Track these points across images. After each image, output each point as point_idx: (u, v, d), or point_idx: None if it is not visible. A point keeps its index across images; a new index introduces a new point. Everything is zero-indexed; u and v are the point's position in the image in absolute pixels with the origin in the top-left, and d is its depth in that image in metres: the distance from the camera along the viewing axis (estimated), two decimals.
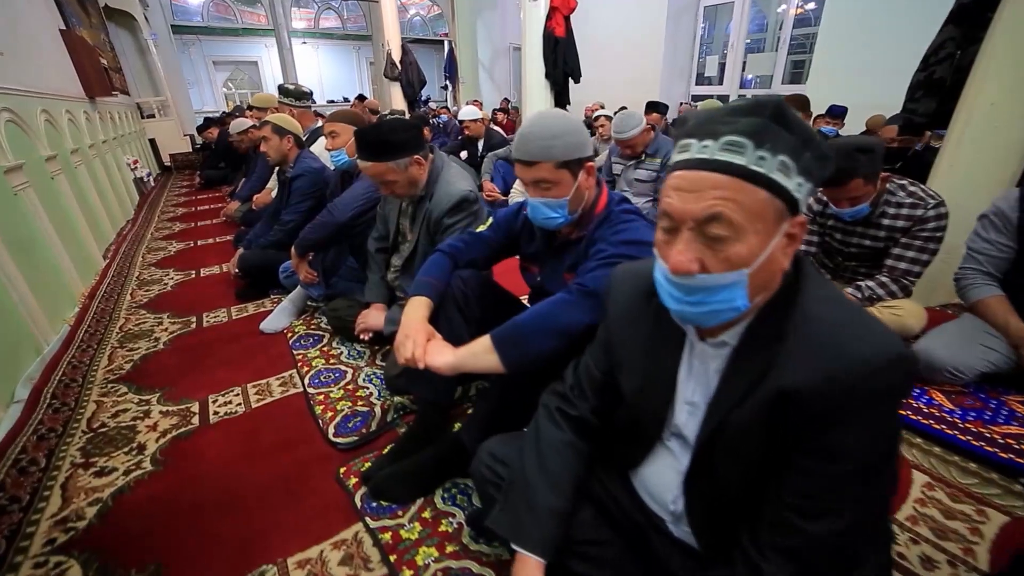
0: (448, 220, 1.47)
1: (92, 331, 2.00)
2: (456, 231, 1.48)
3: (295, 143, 2.27)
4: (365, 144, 1.38)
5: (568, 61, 4.13)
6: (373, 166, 1.38)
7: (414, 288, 1.20)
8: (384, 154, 1.37)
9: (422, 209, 1.51)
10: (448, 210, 1.46)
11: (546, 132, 1.01)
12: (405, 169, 1.41)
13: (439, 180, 1.50)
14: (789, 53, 6.42)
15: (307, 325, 2.01)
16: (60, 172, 2.52)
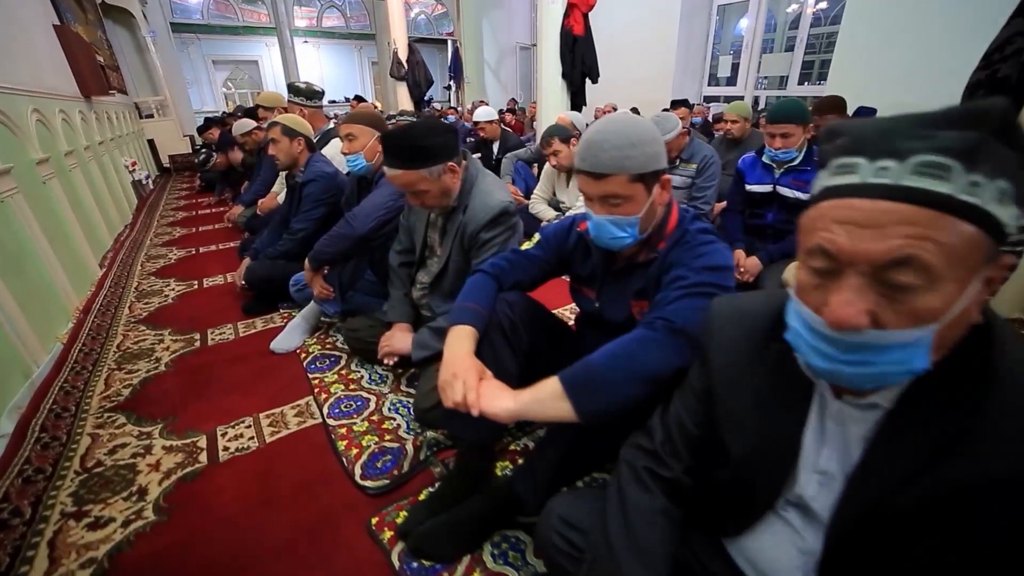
0: (486, 235, 1.32)
1: (87, 350, 1.83)
2: (494, 247, 1.33)
3: (306, 146, 2.11)
4: (395, 149, 1.23)
5: (586, 60, 3.97)
6: (403, 174, 1.23)
7: (455, 315, 1.05)
8: (416, 161, 1.22)
9: (455, 222, 1.36)
10: (486, 224, 1.30)
11: (622, 140, 0.86)
12: (438, 178, 1.25)
13: (474, 190, 1.35)
14: (818, 53, 6.25)
15: (322, 344, 1.84)
16: (53, 176, 2.36)
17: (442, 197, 1.30)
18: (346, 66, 12.62)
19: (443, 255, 1.41)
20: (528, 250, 1.19)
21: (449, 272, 1.42)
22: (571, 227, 1.17)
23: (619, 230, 0.93)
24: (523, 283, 1.19)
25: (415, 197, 1.29)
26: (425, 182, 1.24)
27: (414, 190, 1.26)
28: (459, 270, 1.40)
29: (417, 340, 1.41)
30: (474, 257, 1.35)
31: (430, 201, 1.29)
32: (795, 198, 2.04)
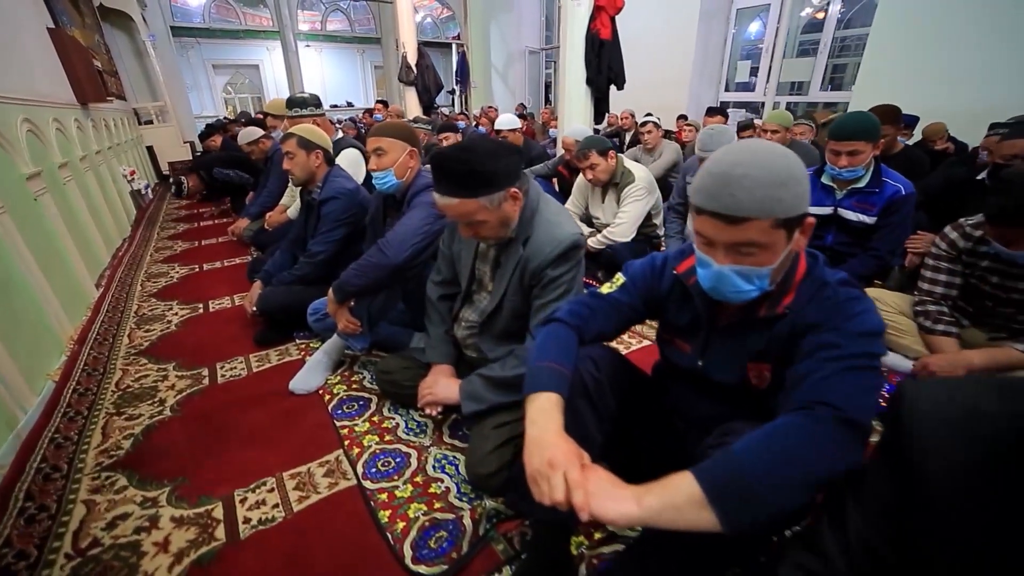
0: (553, 272, 1.13)
1: (82, 390, 1.63)
2: (561, 286, 1.14)
3: (324, 159, 1.91)
4: (449, 175, 1.04)
5: (613, 66, 3.79)
6: (459, 204, 1.04)
7: (535, 378, 0.86)
8: (475, 188, 1.03)
9: (512, 255, 1.16)
10: (554, 260, 1.12)
11: (768, 176, 0.68)
12: (499, 206, 1.07)
13: (537, 218, 1.15)
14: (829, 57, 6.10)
15: (347, 383, 1.64)
16: (45, 191, 2.16)
17: (500, 228, 1.11)
18: (348, 70, 12.47)
19: (496, 292, 1.21)
20: (611, 294, 1.00)
21: (504, 312, 1.22)
22: (663, 267, 0.99)
23: (745, 283, 0.75)
24: (606, 333, 1.01)
25: (469, 228, 1.10)
26: (484, 212, 1.05)
27: (469, 221, 1.07)
28: (516, 310, 1.21)
29: (467, 390, 1.22)
30: (536, 297, 1.16)
31: (487, 232, 1.10)
32: (859, 222, 1.86)
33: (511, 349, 1.25)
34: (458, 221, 1.10)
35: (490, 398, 1.19)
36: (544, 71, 10.53)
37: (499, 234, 1.12)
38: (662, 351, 1.05)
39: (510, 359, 1.20)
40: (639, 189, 2.40)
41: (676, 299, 0.97)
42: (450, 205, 1.05)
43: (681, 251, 0.99)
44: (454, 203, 1.04)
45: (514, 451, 1.13)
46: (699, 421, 0.98)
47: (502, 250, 1.21)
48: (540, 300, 1.15)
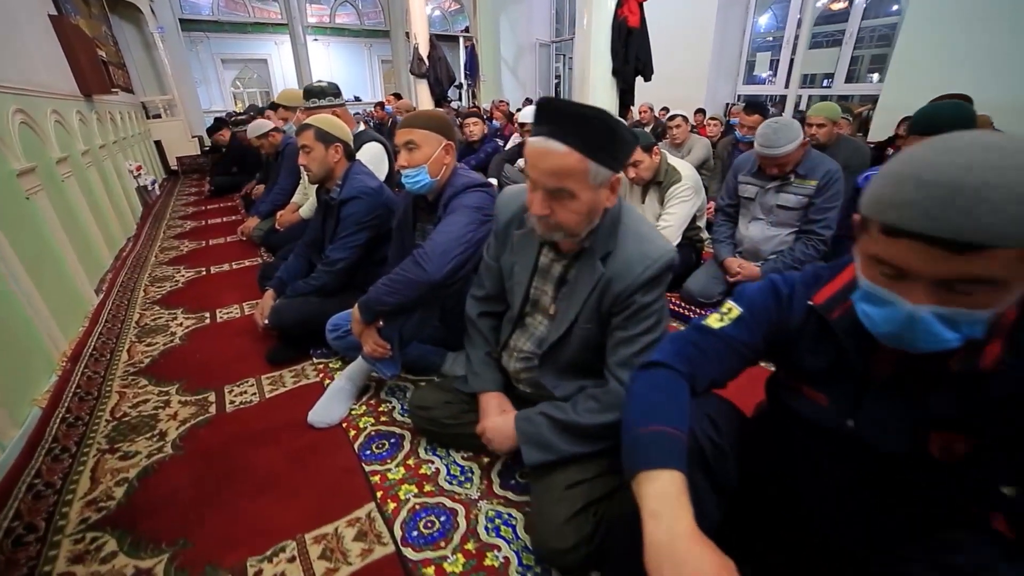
0: (643, 298, 0.90)
1: (72, 419, 1.43)
2: (652, 316, 0.92)
3: (344, 154, 1.70)
4: (570, 117, 0.80)
5: (640, 56, 3.54)
6: (566, 155, 0.80)
7: (644, 448, 0.66)
8: (591, 145, 0.80)
9: (587, 273, 0.94)
10: (646, 282, 0.89)
11: None
12: (597, 188, 0.84)
13: (621, 230, 0.93)
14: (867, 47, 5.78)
15: (374, 414, 1.43)
16: (39, 189, 1.96)
17: (580, 220, 0.87)
18: (356, 64, 12.27)
19: (563, 318, 0.98)
20: (723, 329, 0.78)
21: (573, 342, 1.00)
22: (791, 296, 0.76)
23: (949, 330, 0.53)
24: (720, 381, 0.79)
25: (547, 203, 0.84)
26: (582, 183, 0.82)
27: (557, 187, 0.82)
28: (588, 341, 0.98)
29: (530, 433, 1.00)
30: (619, 328, 0.94)
31: (564, 218, 0.85)
32: None
33: (581, 385, 1.03)
34: (537, 185, 0.84)
35: (561, 447, 0.97)
36: (554, 64, 10.27)
37: (575, 228, 0.88)
38: (779, 397, 0.82)
39: (585, 400, 0.97)
40: (686, 189, 2.17)
41: (810, 337, 0.74)
42: (550, 153, 0.80)
43: (815, 275, 0.77)
44: (559, 151, 0.80)
45: (595, 521, 0.91)
46: (838, 492, 0.76)
47: (571, 265, 0.98)
48: (624, 332, 0.93)
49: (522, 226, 1.04)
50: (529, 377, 1.11)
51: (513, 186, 1.14)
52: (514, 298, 1.08)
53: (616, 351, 0.95)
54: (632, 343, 0.93)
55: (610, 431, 0.94)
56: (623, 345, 0.94)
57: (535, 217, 0.88)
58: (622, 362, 0.94)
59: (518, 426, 1.02)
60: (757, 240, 2.07)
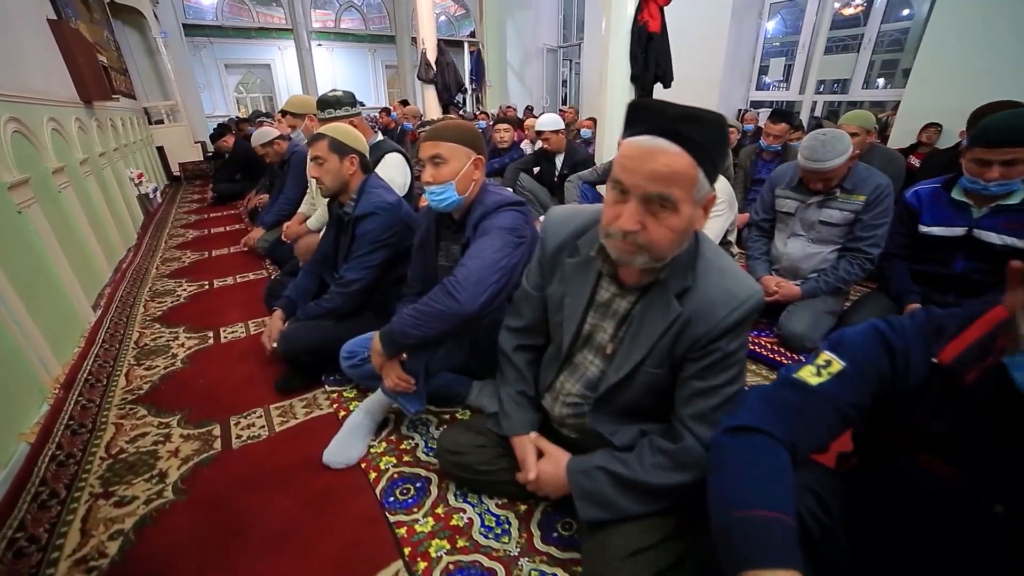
0: (728, 345, 0.79)
1: (63, 456, 1.30)
2: (734, 366, 0.81)
3: (360, 166, 1.58)
4: (686, 117, 0.69)
5: (660, 62, 3.43)
6: (676, 157, 0.68)
7: (746, 539, 0.57)
8: (702, 151, 0.69)
9: (660, 310, 0.81)
10: (732, 327, 0.77)
11: None
12: (698, 202, 0.73)
13: (701, 263, 0.81)
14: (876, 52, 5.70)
15: (395, 451, 1.30)
16: (32, 202, 1.84)
17: (676, 242, 0.74)
18: (360, 70, 12.24)
19: (627, 359, 0.86)
20: (822, 386, 0.67)
21: (635, 386, 0.87)
22: (907, 351, 0.64)
23: None
24: (822, 447, 0.67)
25: (641, 215, 0.71)
26: (688, 193, 0.70)
27: (661, 194, 0.69)
28: (656, 386, 0.86)
29: (586, 488, 0.87)
30: (695, 377, 0.81)
31: (660, 237, 0.72)
32: (1007, 246, 1.50)
33: (642, 430, 0.91)
34: (632, 192, 0.71)
35: (623, 506, 0.84)
36: (561, 70, 10.20)
37: (665, 250, 0.74)
38: (905, 470, 0.70)
39: (652, 454, 0.85)
40: (719, 203, 2.04)
41: (935, 400, 0.62)
42: (659, 152, 0.68)
43: (934, 326, 0.65)
44: (672, 151, 0.67)
45: None
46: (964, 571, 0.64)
47: (640, 300, 0.86)
48: (702, 383, 0.80)
49: (575, 254, 0.92)
50: (577, 423, 0.98)
51: (562, 207, 1.02)
52: (563, 334, 0.95)
53: (691, 402, 0.82)
54: (711, 395, 0.81)
55: (681, 491, 0.82)
56: (700, 397, 0.81)
57: (616, 235, 0.73)
58: (699, 416, 0.82)
59: (573, 479, 0.89)
60: (797, 258, 1.95)
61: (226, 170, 5.00)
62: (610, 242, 0.77)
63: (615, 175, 0.74)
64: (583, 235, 0.92)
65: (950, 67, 4.30)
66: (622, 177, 0.72)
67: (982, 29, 4.05)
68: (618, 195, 0.74)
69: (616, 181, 0.73)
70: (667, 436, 0.86)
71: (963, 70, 4.19)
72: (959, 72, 4.22)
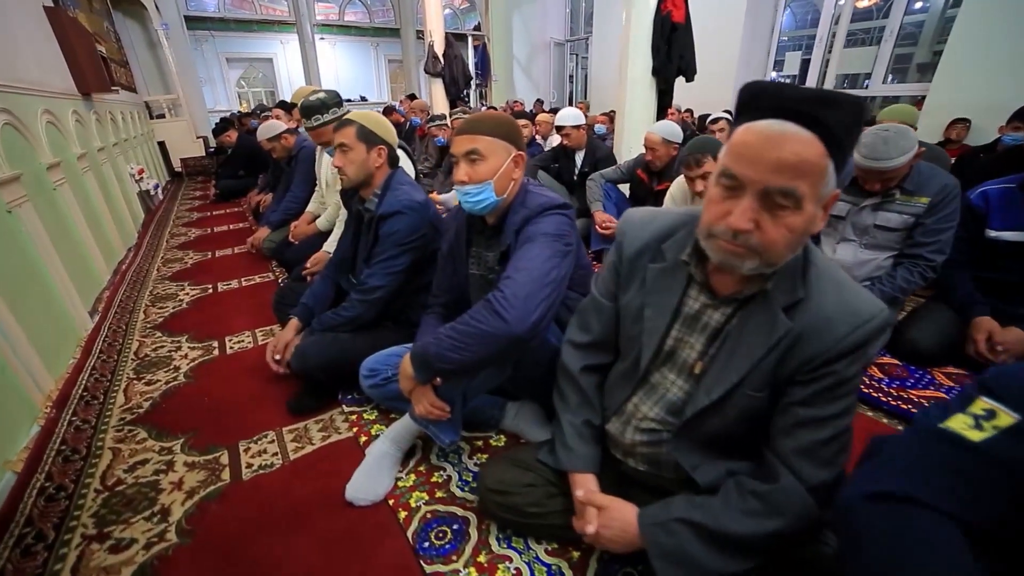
0: (846, 370, 0.67)
1: (53, 488, 1.16)
2: (848, 395, 0.68)
3: (387, 159, 1.44)
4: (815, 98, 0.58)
5: (684, 54, 3.27)
6: (811, 144, 0.58)
7: None
8: (840, 143, 0.59)
9: (763, 324, 0.69)
10: (853, 349, 0.66)
11: None
12: (820, 201, 0.62)
13: (812, 272, 0.69)
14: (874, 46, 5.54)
15: (426, 485, 1.15)
16: (24, 200, 1.70)
17: (793, 244, 0.63)
18: (362, 64, 12.08)
19: (718, 379, 0.73)
20: (987, 444, 0.52)
21: (728, 411, 0.74)
22: None
23: None
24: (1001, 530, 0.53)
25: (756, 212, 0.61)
26: (815, 189, 0.60)
27: (785, 188, 0.59)
28: (752, 412, 0.73)
29: (664, 546, 0.74)
30: (802, 403, 0.69)
31: (777, 238, 0.61)
32: None
33: (730, 469, 0.78)
34: (748, 186, 0.60)
35: (711, 564, 0.71)
36: (568, 63, 10.02)
37: (779, 254, 0.63)
38: None
39: (742, 496, 0.72)
40: None
41: None
42: (788, 137, 0.58)
43: None
44: (802, 137, 0.58)
45: None
46: None
47: (734, 313, 0.73)
48: (810, 411, 0.68)
49: (659, 259, 0.80)
50: (651, 452, 0.84)
51: (641, 208, 0.89)
52: (641, 349, 0.82)
53: (794, 434, 0.70)
54: (820, 427, 0.68)
55: (776, 541, 0.69)
56: (807, 428, 0.69)
57: (724, 235, 0.64)
58: (804, 450, 0.69)
59: (650, 535, 0.75)
60: (847, 265, 1.79)
61: (229, 166, 4.86)
62: (713, 243, 0.66)
63: (725, 165, 0.63)
64: (668, 238, 0.81)
65: (980, 61, 4.13)
66: (736, 168, 0.62)
67: (1015, 21, 3.88)
68: (726, 189, 0.64)
69: (728, 174, 0.63)
70: (758, 476, 0.74)
71: (994, 64, 4.02)
72: (990, 66, 4.04)
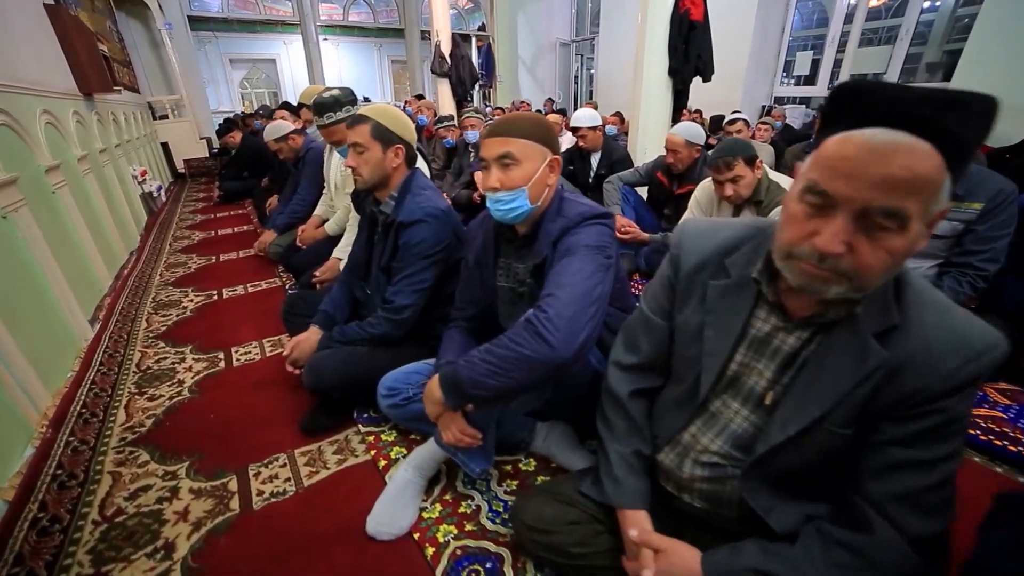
0: (957, 406, 0.59)
1: (47, 521, 1.07)
2: (955, 436, 0.60)
3: (405, 159, 1.34)
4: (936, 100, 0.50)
5: (702, 53, 3.18)
6: (929, 156, 0.50)
7: None
8: (963, 153, 0.52)
9: (850, 351, 0.61)
10: (966, 384, 0.56)
11: None
12: (927, 218, 0.53)
13: (907, 293, 0.60)
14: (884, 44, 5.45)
15: (454, 517, 1.06)
16: (22, 204, 1.61)
17: (894, 268, 0.55)
18: (366, 64, 12.04)
19: (795, 413, 0.64)
20: None
21: (808, 449, 0.65)
22: None
23: None
24: None
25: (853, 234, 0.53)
26: (926, 207, 0.51)
27: (893, 208, 0.50)
28: (835, 451, 0.64)
29: None
30: (902, 444, 0.60)
31: (876, 263, 0.53)
32: None
33: (809, 515, 0.69)
34: (847, 203, 0.51)
35: None
36: (574, 64, 9.93)
37: (875, 279, 0.54)
38: None
39: (825, 548, 0.63)
40: None
41: None
42: (901, 150, 0.50)
43: None
44: (921, 150, 0.50)
45: None
46: None
47: (812, 337, 0.64)
48: (912, 452, 0.59)
49: (721, 275, 0.72)
50: (712, 489, 0.75)
51: (699, 219, 0.80)
52: (703, 373, 0.73)
53: (891, 477, 0.61)
54: (925, 471, 0.59)
55: None
56: (907, 471, 0.60)
57: (808, 257, 0.55)
58: (904, 497, 0.60)
59: None
60: None
61: (233, 167, 4.78)
62: (794, 265, 0.58)
63: (813, 180, 0.54)
64: (732, 252, 0.72)
65: (1003, 58, 4.02)
66: (828, 184, 0.53)
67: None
68: (813, 207, 0.55)
69: (816, 190, 0.54)
70: (843, 523, 0.64)
71: (1019, 62, 3.91)
72: (1014, 64, 3.94)
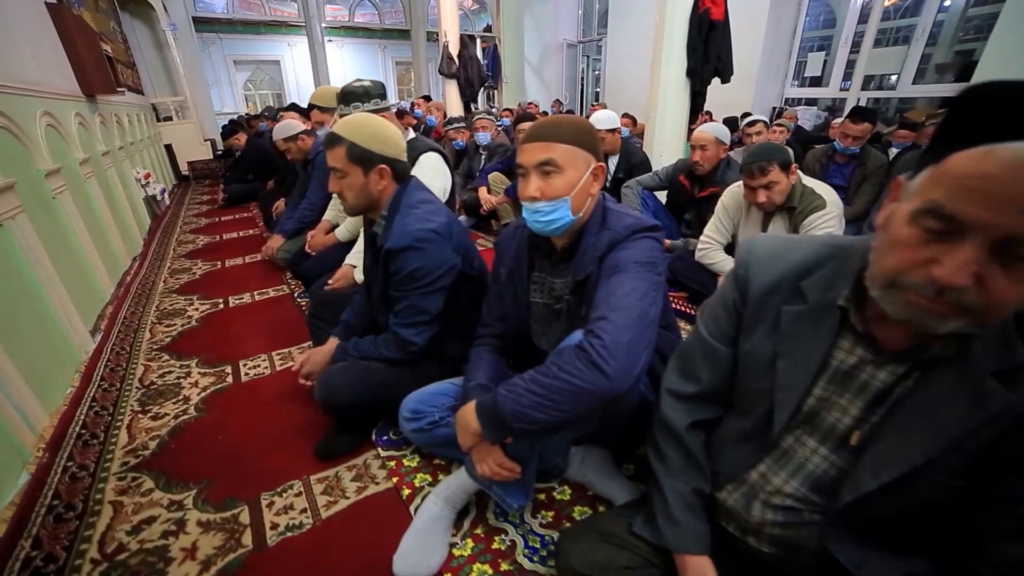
0: None
1: (40, 561, 0.98)
2: None
3: (392, 176, 1.16)
4: None
5: (721, 54, 3.09)
6: None
7: None
8: None
9: (960, 392, 0.51)
10: None
11: None
12: None
13: None
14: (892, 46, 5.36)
15: (489, 557, 0.97)
16: (19, 211, 1.53)
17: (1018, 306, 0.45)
18: (370, 66, 12.03)
19: (891, 455, 0.55)
20: None
21: (907, 498, 0.55)
22: None
23: None
24: None
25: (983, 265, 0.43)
26: None
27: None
28: (940, 504, 0.54)
29: None
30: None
31: (1007, 297, 0.44)
32: None
33: (905, 574, 0.59)
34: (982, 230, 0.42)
35: None
36: (580, 65, 9.86)
37: (1000, 315, 0.46)
38: None
39: None
40: (831, 218, 1.72)
41: None
42: None
43: None
44: None
45: None
46: None
47: (909, 372, 0.55)
48: None
49: (796, 300, 0.63)
50: (787, 535, 0.65)
51: (770, 236, 0.70)
52: (776, 409, 0.64)
53: (1005, 542, 0.51)
54: None
55: None
56: None
57: (922, 288, 0.46)
58: None
59: None
60: None
61: (238, 170, 4.70)
62: (898, 296, 0.49)
63: (936, 202, 0.45)
64: (810, 274, 0.63)
65: (1017, 65, 3.94)
66: (958, 206, 0.44)
67: None
68: (931, 232, 0.46)
69: (939, 213, 0.45)
70: None
71: None
72: None
